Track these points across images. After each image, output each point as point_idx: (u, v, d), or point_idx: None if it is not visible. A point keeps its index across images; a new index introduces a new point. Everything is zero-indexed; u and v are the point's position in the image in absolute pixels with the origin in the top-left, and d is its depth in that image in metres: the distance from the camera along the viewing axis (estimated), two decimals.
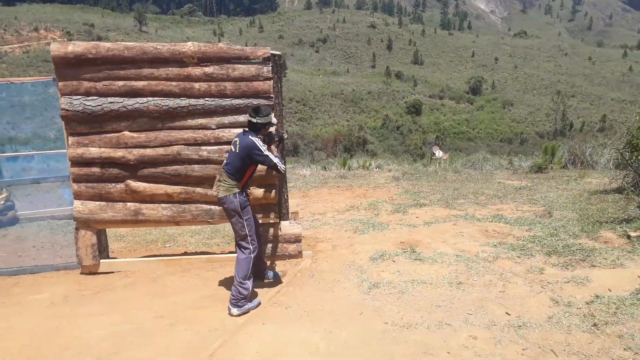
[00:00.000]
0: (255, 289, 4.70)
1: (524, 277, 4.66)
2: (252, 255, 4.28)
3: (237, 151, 4.23)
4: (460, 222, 6.84)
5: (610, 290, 4.25)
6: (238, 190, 4.21)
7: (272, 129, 4.61)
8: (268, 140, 4.49)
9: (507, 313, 4.02)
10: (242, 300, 4.22)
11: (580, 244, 5.41)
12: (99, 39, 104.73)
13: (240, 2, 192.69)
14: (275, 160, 4.27)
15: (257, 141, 4.21)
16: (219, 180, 4.26)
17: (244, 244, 4.27)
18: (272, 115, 4.39)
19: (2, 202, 7.52)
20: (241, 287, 4.20)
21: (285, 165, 4.45)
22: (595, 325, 3.70)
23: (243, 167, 4.22)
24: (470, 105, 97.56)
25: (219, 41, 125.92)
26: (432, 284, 4.62)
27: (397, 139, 77.39)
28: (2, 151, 12.81)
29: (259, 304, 4.37)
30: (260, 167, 4.69)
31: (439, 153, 23.34)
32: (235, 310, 4.20)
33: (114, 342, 3.87)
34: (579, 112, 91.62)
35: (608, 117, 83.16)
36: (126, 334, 3.94)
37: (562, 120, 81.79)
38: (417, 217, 7.41)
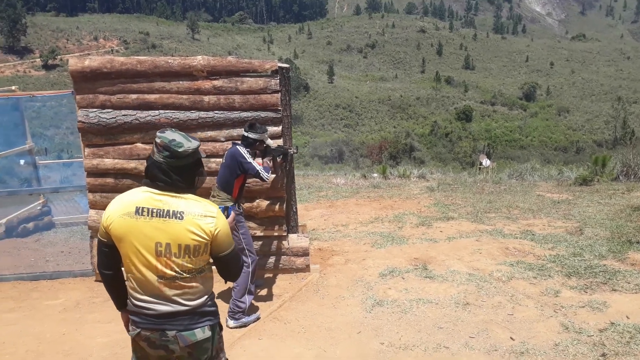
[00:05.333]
0: (258, 303, 4.70)
1: (536, 300, 4.42)
2: (251, 269, 4.29)
3: (224, 161, 4.27)
4: (484, 238, 6.58)
5: (628, 318, 3.96)
6: (231, 204, 4.22)
7: (272, 144, 4.60)
8: (263, 155, 4.48)
9: (511, 338, 3.82)
10: (238, 314, 4.23)
11: (604, 265, 5.08)
12: (153, 46, 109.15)
13: (289, 9, 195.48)
14: (259, 168, 4.22)
15: (242, 149, 4.23)
16: (213, 196, 4.29)
17: (242, 257, 4.28)
18: (267, 135, 4.39)
19: (39, 208, 7.90)
20: (238, 302, 4.22)
21: (269, 175, 4.33)
22: (604, 355, 3.46)
23: (231, 178, 4.23)
24: (523, 112, 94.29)
25: (269, 48, 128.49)
26: (437, 304, 4.46)
27: (445, 146, 75.87)
28: (59, 157, 13.41)
29: (258, 318, 4.36)
30: (272, 177, 4.73)
31: (486, 162, 22.75)
32: (231, 323, 4.22)
33: (113, 351, 3.97)
34: None
35: None
36: (126, 343, 3.98)
37: (622, 128, 77.50)
38: (441, 232, 7.19)
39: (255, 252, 4.41)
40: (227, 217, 2.39)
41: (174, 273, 2.11)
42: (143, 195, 2.14)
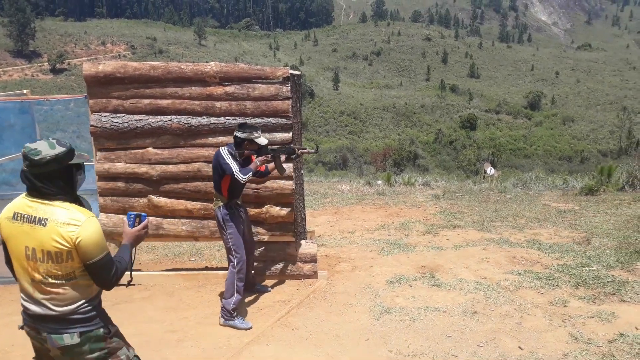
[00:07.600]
0: (266, 309, 4.72)
1: (544, 309, 4.42)
2: (237, 268, 4.36)
3: (212, 163, 4.38)
4: (491, 247, 6.58)
5: (637, 329, 3.96)
6: (222, 204, 4.35)
7: (264, 142, 4.46)
8: (258, 154, 4.38)
9: (519, 347, 3.82)
10: (226, 313, 4.37)
11: (612, 275, 5.07)
12: (160, 52, 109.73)
13: (296, 16, 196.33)
14: (234, 168, 4.16)
15: (224, 150, 4.28)
16: (215, 197, 4.43)
17: (230, 257, 4.41)
18: (259, 133, 4.32)
19: None
20: (225, 301, 4.37)
21: (246, 176, 4.18)
22: None
23: (218, 179, 4.33)
24: (528, 121, 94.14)
25: (275, 55, 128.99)
26: (445, 312, 4.46)
27: (450, 154, 75.75)
28: None
29: (249, 327, 4.32)
30: (275, 184, 4.82)
31: (490, 170, 22.68)
32: (221, 320, 4.40)
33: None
34: None
35: None
36: (134, 348, 4.04)
37: (627, 138, 77.21)
38: (447, 240, 7.20)
39: (242, 252, 4.40)
40: (139, 223, 2.42)
41: (40, 277, 2.21)
42: (21, 201, 2.25)
